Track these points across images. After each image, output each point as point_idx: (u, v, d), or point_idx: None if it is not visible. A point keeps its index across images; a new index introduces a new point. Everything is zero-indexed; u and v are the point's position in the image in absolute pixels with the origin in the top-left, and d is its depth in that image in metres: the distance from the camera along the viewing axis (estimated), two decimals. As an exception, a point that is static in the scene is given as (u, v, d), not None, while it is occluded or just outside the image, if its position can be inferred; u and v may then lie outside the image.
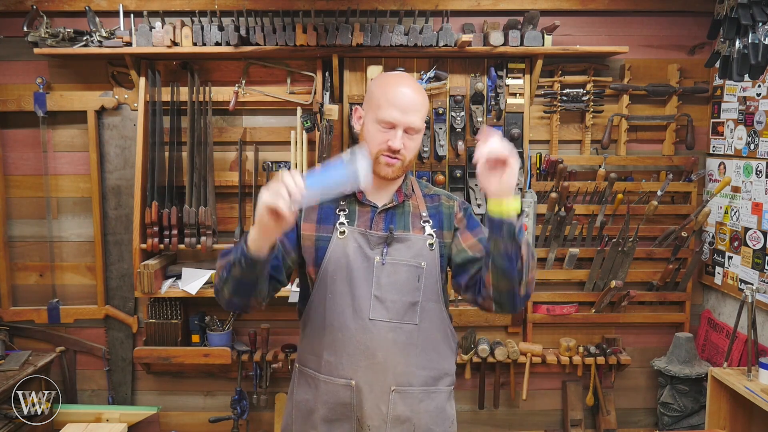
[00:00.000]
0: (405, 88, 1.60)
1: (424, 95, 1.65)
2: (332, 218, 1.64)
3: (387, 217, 1.66)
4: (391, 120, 1.57)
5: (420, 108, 1.60)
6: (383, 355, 1.60)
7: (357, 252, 1.61)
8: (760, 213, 2.78)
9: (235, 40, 2.86)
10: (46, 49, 2.89)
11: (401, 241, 1.63)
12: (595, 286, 3.19)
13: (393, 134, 1.58)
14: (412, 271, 1.62)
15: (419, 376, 1.65)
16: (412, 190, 1.73)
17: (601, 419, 3.26)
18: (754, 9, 2.33)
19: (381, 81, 1.66)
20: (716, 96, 3.11)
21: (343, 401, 1.62)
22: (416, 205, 1.71)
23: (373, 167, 1.61)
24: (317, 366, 1.65)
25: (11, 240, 3.21)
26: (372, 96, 1.64)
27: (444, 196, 1.75)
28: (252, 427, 3.30)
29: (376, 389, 1.61)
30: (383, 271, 1.61)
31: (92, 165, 3.12)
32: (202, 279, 3.04)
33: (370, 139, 1.61)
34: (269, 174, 3.08)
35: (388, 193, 1.69)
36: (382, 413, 1.62)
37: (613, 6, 3.08)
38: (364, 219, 1.65)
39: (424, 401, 1.65)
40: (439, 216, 1.70)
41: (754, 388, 2.48)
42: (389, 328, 1.61)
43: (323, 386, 1.64)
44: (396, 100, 1.58)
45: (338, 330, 1.61)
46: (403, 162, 1.61)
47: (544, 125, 3.15)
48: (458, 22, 3.05)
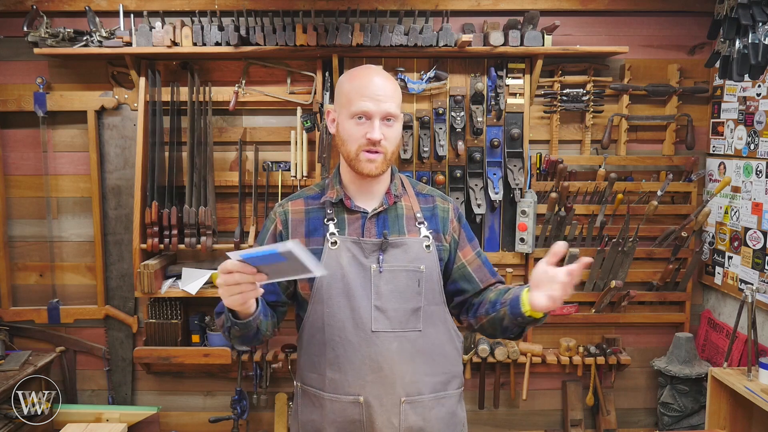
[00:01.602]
0: (375, 77, 1.56)
1: (395, 83, 1.61)
2: (321, 229, 1.59)
3: (379, 221, 1.61)
4: (365, 110, 1.53)
5: (393, 95, 1.56)
6: (390, 367, 1.55)
7: (351, 262, 1.56)
8: (760, 213, 2.78)
9: (235, 40, 2.86)
10: (46, 49, 2.89)
11: (397, 246, 1.58)
12: (595, 286, 3.19)
13: (370, 125, 1.53)
14: (412, 276, 1.58)
15: (428, 383, 1.60)
16: (402, 189, 1.67)
17: (601, 419, 3.26)
18: (754, 9, 2.32)
19: (348, 76, 1.61)
20: (716, 96, 3.11)
21: (352, 419, 1.57)
22: (409, 206, 1.65)
23: (354, 166, 1.57)
24: (320, 384, 1.59)
25: (11, 240, 3.21)
26: (342, 92, 1.59)
27: (438, 197, 1.71)
28: (252, 427, 3.30)
29: (386, 402, 1.56)
30: (381, 279, 1.56)
31: (92, 165, 3.12)
32: (202, 279, 3.04)
33: (347, 137, 1.56)
34: (269, 174, 3.09)
35: (376, 196, 1.63)
36: (395, 426, 1.57)
37: (613, 6, 3.08)
38: (355, 226, 1.60)
39: (435, 408, 1.61)
40: (435, 219, 1.66)
41: (754, 388, 2.48)
42: (393, 338, 1.56)
43: (329, 405, 1.58)
44: (367, 90, 1.53)
45: (340, 345, 1.55)
46: (385, 155, 1.56)
47: (544, 125, 3.15)
48: (458, 22, 3.05)
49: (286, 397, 3.21)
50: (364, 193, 1.63)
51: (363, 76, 1.57)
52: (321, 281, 1.56)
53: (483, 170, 3.09)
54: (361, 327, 1.55)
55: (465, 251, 1.67)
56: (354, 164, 1.57)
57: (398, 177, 1.69)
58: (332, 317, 1.56)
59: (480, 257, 1.72)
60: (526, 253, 3.12)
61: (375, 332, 1.55)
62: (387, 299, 1.56)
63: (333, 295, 1.56)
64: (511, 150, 3.08)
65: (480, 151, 3.08)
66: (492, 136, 3.07)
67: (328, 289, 1.56)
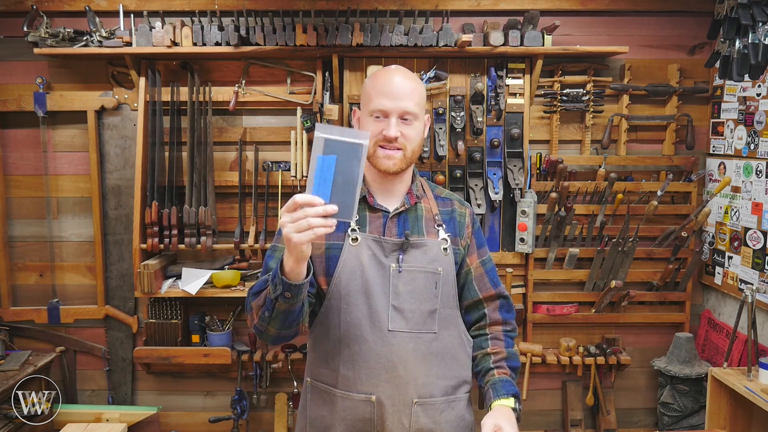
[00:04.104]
0: (394, 76, 1.58)
1: (418, 82, 1.61)
2: (342, 225, 1.58)
3: (400, 221, 1.61)
4: (382, 108, 1.54)
5: (412, 93, 1.57)
6: (404, 368, 1.55)
7: (371, 260, 1.56)
8: (760, 213, 2.78)
9: (235, 40, 2.86)
10: (46, 49, 2.89)
11: (417, 247, 1.58)
12: (595, 286, 3.19)
13: (387, 123, 1.55)
14: (430, 278, 1.58)
15: (440, 386, 1.61)
16: (423, 191, 1.68)
17: (601, 419, 3.26)
18: (754, 9, 2.32)
19: (372, 76, 1.64)
20: (716, 96, 3.11)
21: (363, 417, 1.57)
22: (428, 208, 1.66)
23: (374, 162, 1.58)
24: (333, 381, 1.59)
25: (11, 240, 3.21)
26: (364, 92, 1.62)
27: (456, 201, 1.72)
28: (252, 427, 3.30)
29: (398, 403, 1.56)
30: (400, 279, 1.56)
31: (92, 165, 3.12)
32: (202, 279, 3.04)
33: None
34: (269, 174, 3.09)
35: (397, 196, 1.64)
36: (405, 427, 1.57)
37: (613, 6, 3.08)
38: (376, 225, 1.60)
39: (446, 411, 1.62)
40: (453, 222, 1.67)
41: (754, 388, 2.48)
42: (409, 339, 1.56)
43: (341, 402, 1.58)
44: (385, 88, 1.55)
45: (355, 343, 1.55)
46: (404, 152, 1.57)
47: (544, 125, 3.15)
48: (458, 22, 3.05)
49: (286, 397, 3.21)
50: (386, 192, 1.64)
51: (383, 75, 1.60)
52: (340, 276, 1.56)
53: (483, 170, 3.09)
54: (377, 326, 1.54)
55: (472, 258, 1.68)
56: (373, 160, 1.59)
57: (419, 179, 1.71)
58: (349, 314, 1.55)
59: (485, 266, 1.73)
60: (526, 253, 3.12)
61: (391, 332, 1.55)
62: (405, 299, 1.56)
63: (351, 292, 1.55)
64: (511, 150, 3.08)
65: (480, 151, 3.08)
66: (492, 136, 3.07)
67: (347, 285, 1.56)
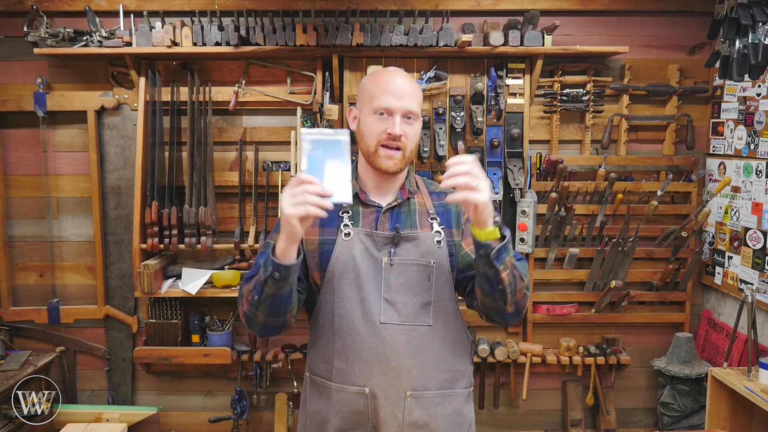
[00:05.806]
0: (397, 77, 1.60)
1: (417, 84, 1.64)
2: (335, 221, 1.60)
3: (392, 216, 1.63)
4: (388, 106, 1.56)
5: (414, 94, 1.59)
6: (397, 360, 1.56)
7: (363, 254, 1.58)
8: (760, 213, 2.78)
9: (235, 40, 2.86)
10: (46, 49, 2.89)
11: (409, 240, 1.60)
12: (595, 286, 3.19)
13: (391, 121, 1.56)
14: (422, 271, 1.59)
15: (435, 379, 1.61)
16: (416, 187, 1.70)
17: (601, 419, 3.26)
18: (754, 9, 2.32)
19: (372, 76, 1.66)
20: (716, 96, 3.11)
21: (357, 409, 1.58)
22: (422, 203, 1.67)
23: (373, 161, 1.59)
24: (328, 374, 1.60)
25: (11, 240, 3.21)
26: (364, 91, 1.63)
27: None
28: (252, 427, 3.30)
29: (391, 395, 1.56)
30: (392, 272, 1.57)
31: (92, 165, 3.12)
32: (202, 279, 3.04)
33: (368, 132, 1.59)
34: (269, 174, 3.09)
35: (391, 192, 1.66)
36: (398, 420, 1.57)
37: (613, 6, 3.08)
38: (369, 220, 1.62)
39: (441, 405, 1.61)
40: (447, 214, 1.67)
41: (754, 388, 2.48)
42: (402, 331, 1.56)
43: (335, 395, 1.59)
44: (390, 87, 1.57)
45: (348, 335, 1.56)
46: (404, 153, 1.58)
47: (544, 125, 3.15)
48: (458, 22, 3.05)
49: (286, 397, 3.21)
50: (380, 189, 1.66)
51: (386, 75, 1.62)
52: (333, 270, 1.57)
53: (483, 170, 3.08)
54: (370, 318, 1.56)
55: (467, 241, 1.68)
56: (372, 159, 1.59)
57: (413, 176, 1.72)
58: (342, 307, 1.57)
59: None
60: (526, 253, 3.12)
61: (384, 324, 1.56)
62: (396, 292, 1.57)
63: (343, 285, 1.57)
64: (511, 150, 3.08)
65: (480, 151, 3.08)
66: (492, 136, 3.07)
67: (339, 278, 1.57)
